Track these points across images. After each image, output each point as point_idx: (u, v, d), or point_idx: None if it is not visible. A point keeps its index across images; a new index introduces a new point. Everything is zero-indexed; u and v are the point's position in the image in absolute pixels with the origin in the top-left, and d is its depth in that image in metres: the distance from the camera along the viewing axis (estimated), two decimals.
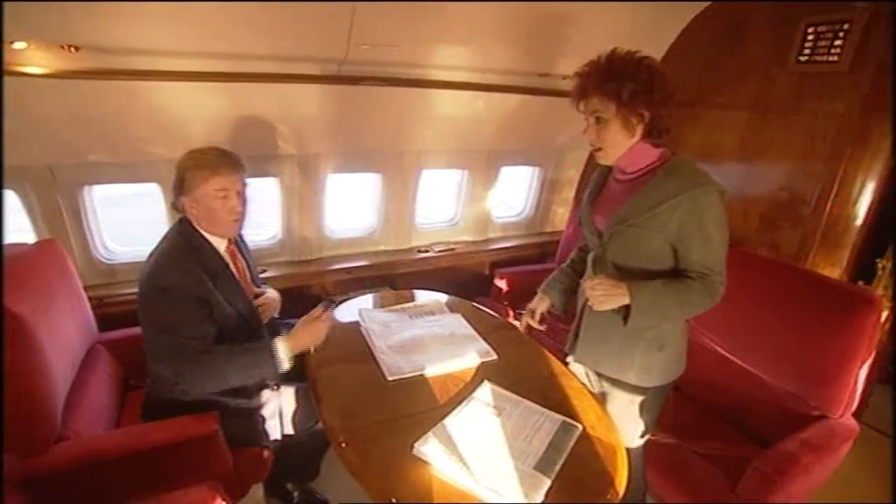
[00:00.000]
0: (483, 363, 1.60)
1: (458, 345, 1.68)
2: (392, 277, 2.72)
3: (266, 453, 1.58)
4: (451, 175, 2.95)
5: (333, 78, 1.89)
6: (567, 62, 2.29)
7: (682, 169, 1.24)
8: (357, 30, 1.69)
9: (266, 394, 1.64)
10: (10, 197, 1.80)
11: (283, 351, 1.41)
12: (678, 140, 2.57)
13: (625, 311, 1.28)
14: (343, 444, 1.22)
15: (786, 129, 2.09)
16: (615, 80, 1.18)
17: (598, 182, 1.48)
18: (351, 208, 3.29)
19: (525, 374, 1.60)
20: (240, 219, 1.52)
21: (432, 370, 1.53)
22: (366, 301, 2.01)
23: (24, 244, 1.48)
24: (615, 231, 1.31)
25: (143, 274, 1.42)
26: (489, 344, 1.70)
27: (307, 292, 2.48)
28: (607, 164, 1.35)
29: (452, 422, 1.30)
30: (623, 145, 1.26)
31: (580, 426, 1.32)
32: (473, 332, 1.77)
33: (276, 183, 2.31)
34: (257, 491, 1.74)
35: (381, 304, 1.98)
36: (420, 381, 1.49)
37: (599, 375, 1.53)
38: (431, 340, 1.70)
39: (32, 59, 1.43)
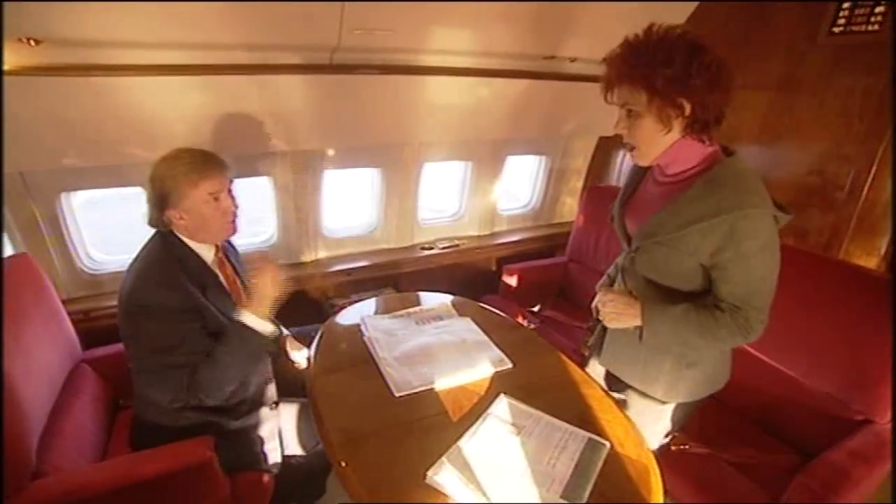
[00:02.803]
0: (497, 373, 1.48)
1: (469, 353, 1.56)
2: (395, 278, 2.60)
3: (266, 478, 1.47)
4: (455, 167, 2.81)
5: (325, 67, 1.74)
6: (576, 43, 2.13)
7: (728, 183, 1.02)
8: (349, 14, 1.54)
9: (264, 412, 1.53)
10: None
11: (254, 317, 1.34)
12: None
13: (640, 329, 1.17)
14: (344, 464, 1.12)
15: (816, 109, 1.94)
16: (646, 65, 0.97)
17: (633, 178, 1.28)
18: (350, 206, 3.15)
19: (543, 383, 1.48)
20: (235, 218, 1.43)
21: (443, 383, 1.41)
22: (368, 306, 1.89)
23: None
24: (642, 245, 1.16)
25: (125, 291, 1.30)
26: (503, 351, 1.58)
27: (306, 297, 2.36)
28: (644, 165, 1.16)
29: (468, 444, 1.18)
30: (661, 143, 1.06)
31: (608, 444, 1.20)
32: (485, 338, 1.65)
33: (269, 182, 2.18)
34: None
35: (384, 309, 1.85)
36: (430, 396, 1.37)
37: (620, 380, 1.41)
38: (441, 349, 1.57)
39: None
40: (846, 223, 1.90)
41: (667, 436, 1.40)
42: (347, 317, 1.76)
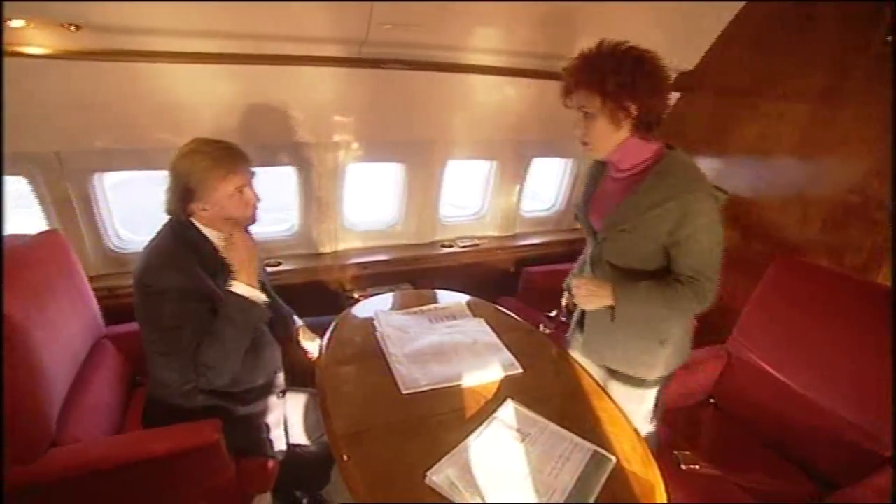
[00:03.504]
0: (507, 377, 1.46)
1: (480, 355, 1.55)
2: (413, 274, 2.59)
3: (270, 464, 1.49)
4: (479, 166, 2.78)
5: (353, 61, 1.74)
6: None
7: (674, 171, 1.22)
8: (378, 8, 1.53)
9: (272, 400, 1.55)
10: (22, 184, 1.75)
11: (244, 288, 1.34)
12: (728, 132, 2.34)
13: (612, 310, 1.33)
14: (345, 458, 1.12)
15: (862, 123, 1.83)
16: (600, 73, 1.15)
17: (592, 178, 1.46)
18: (372, 200, 3.16)
19: (552, 390, 1.46)
20: (255, 209, 1.44)
21: (451, 384, 1.40)
22: (385, 300, 1.89)
23: (24, 235, 1.41)
24: (608, 236, 1.33)
25: (138, 273, 1.32)
26: (514, 354, 1.56)
27: (322, 288, 2.38)
28: (598, 159, 1.36)
29: (470, 447, 1.17)
30: (611, 140, 1.24)
31: (614, 459, 1.17)
32: (497, 341, 1.63)
33: (293, 172, 2.20)
34: (264, 499, 1.66)
35: (400, 305, 1.85)
36: (437, 395, 1.36)
37: (602, 368, 1.54)
38: (452, 349, 1.56)
39: (32, 38, 1.34)
40: (887, 245, 1.79)
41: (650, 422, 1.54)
42: (363, 310, 1.77)
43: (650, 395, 1.48)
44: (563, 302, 1.64)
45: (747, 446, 1.71)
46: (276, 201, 1.59)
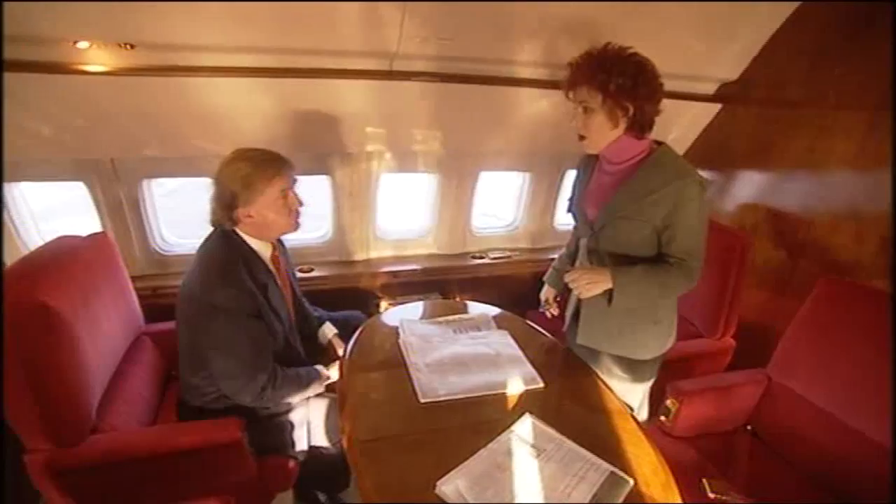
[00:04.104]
0: (527, 391, 1.44)
1: (501, 368, 1.53)
2: (443, 284, 2.60)
3: (291, 463, 1.53)
4: (512, 178, 2.77)
5: (385, 73, 1.79)
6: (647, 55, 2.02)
7: (666, 161, 1.34)
8: (409, 22, 1.57)
9: (295, 402, 1.58)
10: (81, 189, 1.90)
11: (333, 373, 1.63)
12: (774, 145, 2.23)
13: (609, 294, 1.37)
14: (358, 463, 1.13)
15: None
16: (604, 72, 1.24)
17: (585, 172, 1.54)
18: (404, 209, 3.21)
19: (573, 407, 1.43)
20: (299, 214, 1.49)
21: (470, 395, 1.39)
22: (411, 309, 1.91)
23: (77, 237, 1.52)
24: (607, 222, 1.40)
25: (191, 286, 1.38)
26: (536, 369, 1.53)
27: (353, 294, 2.42)
28: (591, 153, 1.45)
29: (483, 459, 1.16)
30: (607, 136, 1.33)
31: (631, 481, 1.13)
32: (520, 354, 1.61)
33: (328, 181, 2.27)
34: (286, 498, 1.70)
35: (429, 314, 1.87)
36: (455, 406, 1.36)
37: (599, 353, 1.58)
38: (473, 360, 1.56)
39: (94, 57, 1.46)
40: None
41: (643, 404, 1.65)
42: (390, 318, 1.80)
43: (647, 375, 1.57)
44: (543, 296, 1.81)
45: (786, 478, 1.59)
46: (313, 210, 1.67)
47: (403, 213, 3.06)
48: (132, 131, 1.72)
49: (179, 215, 2.62)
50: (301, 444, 1.57)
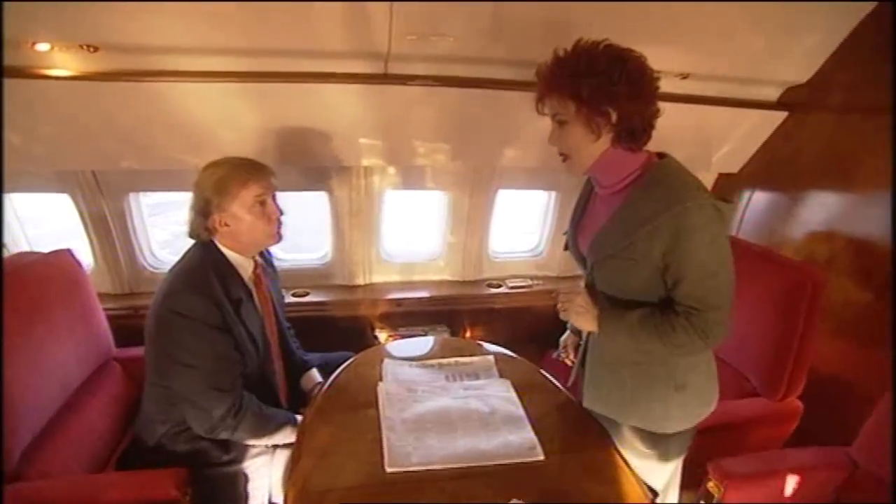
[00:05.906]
0: (522, 464, 1.17)
1: (495, 430, 1.27)
2: (451, 315, 2.33)
3: None
4: (536, 197, 2.49)
5: (378, 77, 1.59)
6: (685, 58, 1.71)
7: (662, 181, 1.05)
8: (398, 15, 1.36)
9: (257, 451, 1.40)
10: (66, 202, 1.82)
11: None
12: (855, 160, 1.84)
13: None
14: None
15: None
16: (573, 75, 1.01)
17: (582, 198, 1.29)
18: (413, 229, 2.99)
19: (578, 493, 1.12)
20: (280, 225, 1.39)
21: (449, 465, 1.15)
22: (407, 346, 1.70)
23: (35, 253, 1.41)
24: (596, 262, 1.16)
25: (162, 295, 1.28)
26: (538, 434, 1.26)
27: (349, 324, 2.21)
28: (576, 175, 1.16)
29: None
30: (591, 151, 1.07)
31: None
32: (521, 413, 1.34)
33: (326, 198, 2.09)
34: None
35: (424, 353, 1.65)
36: (428, 480, 1.12)
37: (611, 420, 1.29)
38: (462, 419, 1.30)
39: (56, 60, 1.36)
40: None
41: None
42: (383, 353, 1.62)
43: (673, 451, 1.24)
44: (562, 342, 1.47)
45: None
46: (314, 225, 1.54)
47: (412, 234, 2.84)
48: (104, 142, 1.61)
49: (172, 231, 2.54)
50: (257, 499, 1.38)
